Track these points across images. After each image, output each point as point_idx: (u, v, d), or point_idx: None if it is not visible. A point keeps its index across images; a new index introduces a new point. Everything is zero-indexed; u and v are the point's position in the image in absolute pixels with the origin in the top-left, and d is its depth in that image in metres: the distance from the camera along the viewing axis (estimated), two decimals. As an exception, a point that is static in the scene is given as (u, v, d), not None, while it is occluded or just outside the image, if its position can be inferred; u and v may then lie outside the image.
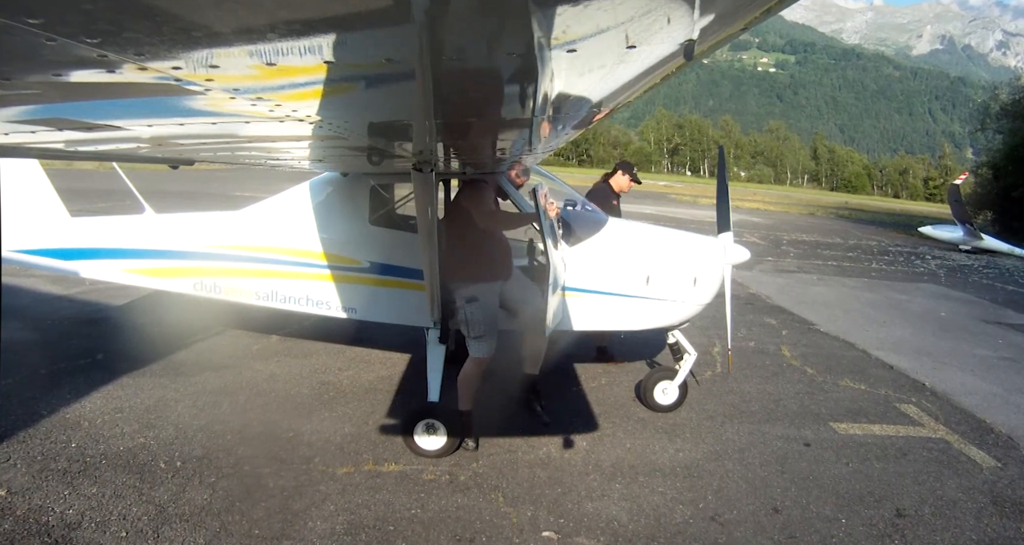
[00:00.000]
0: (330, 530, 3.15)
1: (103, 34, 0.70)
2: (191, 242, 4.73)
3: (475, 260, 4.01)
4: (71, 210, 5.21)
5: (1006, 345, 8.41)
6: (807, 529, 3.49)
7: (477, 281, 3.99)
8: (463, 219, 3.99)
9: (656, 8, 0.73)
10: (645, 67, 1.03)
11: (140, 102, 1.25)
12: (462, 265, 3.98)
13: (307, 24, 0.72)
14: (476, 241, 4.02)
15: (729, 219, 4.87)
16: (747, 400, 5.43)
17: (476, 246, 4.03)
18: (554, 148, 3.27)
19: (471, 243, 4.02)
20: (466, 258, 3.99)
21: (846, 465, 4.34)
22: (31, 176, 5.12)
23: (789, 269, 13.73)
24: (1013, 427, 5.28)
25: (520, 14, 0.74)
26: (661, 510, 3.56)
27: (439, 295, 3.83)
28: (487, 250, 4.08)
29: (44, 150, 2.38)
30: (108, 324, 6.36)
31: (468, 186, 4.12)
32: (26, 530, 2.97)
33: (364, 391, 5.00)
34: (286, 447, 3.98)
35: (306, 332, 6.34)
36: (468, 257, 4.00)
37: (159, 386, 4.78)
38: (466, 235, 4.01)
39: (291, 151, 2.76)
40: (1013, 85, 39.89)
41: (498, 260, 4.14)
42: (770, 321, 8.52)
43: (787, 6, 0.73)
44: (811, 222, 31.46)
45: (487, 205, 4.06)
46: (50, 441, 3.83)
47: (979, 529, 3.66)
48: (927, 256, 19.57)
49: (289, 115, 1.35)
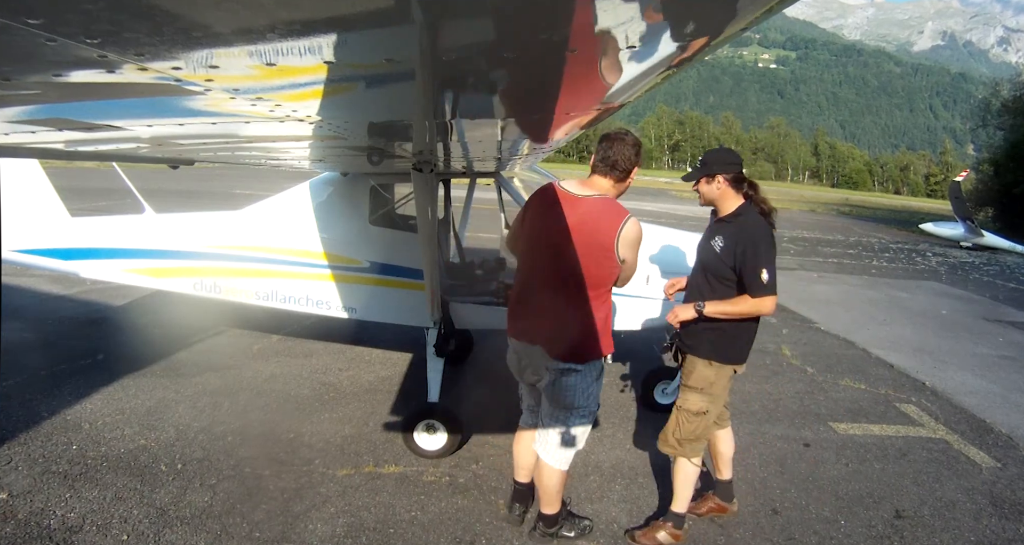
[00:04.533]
0: (331, 532, 3.14)
1: (103, 34, 0.70)
2: (191, 242, 4.73)
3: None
4: (71, 210, 5.21)
5: (1007, 343, 8.40)
6: (806, 530, 3.49)
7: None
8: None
9: (656, 8, 0.73)
10: (645, 67, 1.02)
11: (140, 102, 1.24)
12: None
13: (307, 24, 0.72)
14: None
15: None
16: (747, 400, 5.43)
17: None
18: (555, 147, 3.27)
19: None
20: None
21: (845, 466, 4.34)
22: (31, 176, 5.11)
23: (789, 266, 13.73)
24: (1013, 427, 5.28)
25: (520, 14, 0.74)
26: (661, 512, 3.55)
27: (439, 295, 3.83)
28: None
29: (44, 150, 2.38)
30: (108, 324, 6.36)
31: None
32: (27, 533, 2.96)
33: (364, 392, 5.00)
34: (286, 449, 3.98)
35: (306, 332, 6.34)
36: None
37: (160, 387, 4.78)
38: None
39: (291, 151, 2.76)
40: (1014, 81, 39.93)
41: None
42: (770, 319, 8.51)
43: (788, 5, 0.73)
44: (812, 219, 31.46)
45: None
46: (51, 443, 3.83)
47: (978, 530, 3.65)
48: (928, 253, 19.57)
49: (289, 115, 1.35)
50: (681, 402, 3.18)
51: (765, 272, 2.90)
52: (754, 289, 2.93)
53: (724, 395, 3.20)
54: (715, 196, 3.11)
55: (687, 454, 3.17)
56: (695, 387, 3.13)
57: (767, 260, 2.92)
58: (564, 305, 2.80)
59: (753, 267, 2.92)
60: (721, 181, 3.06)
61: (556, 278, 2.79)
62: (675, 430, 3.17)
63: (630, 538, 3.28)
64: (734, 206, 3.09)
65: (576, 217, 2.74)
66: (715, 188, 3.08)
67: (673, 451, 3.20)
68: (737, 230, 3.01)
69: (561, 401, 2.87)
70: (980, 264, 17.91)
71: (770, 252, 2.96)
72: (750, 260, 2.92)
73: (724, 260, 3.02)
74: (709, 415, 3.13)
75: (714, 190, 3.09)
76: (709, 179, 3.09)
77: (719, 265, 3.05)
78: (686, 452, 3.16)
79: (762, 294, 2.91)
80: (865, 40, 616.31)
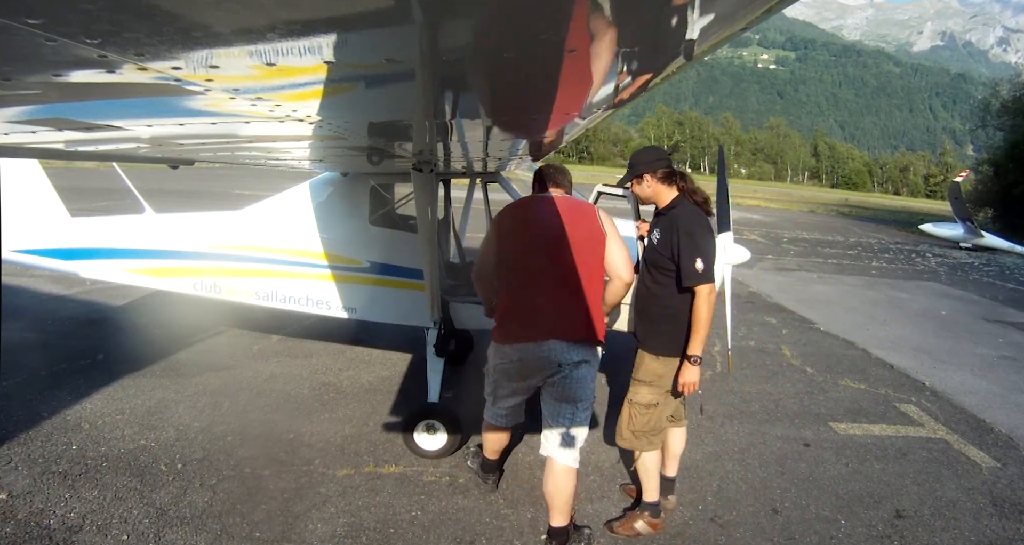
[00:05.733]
0: (331, 533, 3.14)
1: (103, 34, 0.70)
2: (191, 242, 4.73)
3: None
4: (71, 210, 5.21)
5: (1006, 344, 8.40)
6: (806, 530, 3.49)
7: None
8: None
9: (656, 8, 0.73)
10: (645, 67, 1.02)
11: (140, 102, 1.24)
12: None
13: (307, 24, 0.72)
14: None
15: (729, 219, 4.85)
16: (747, 400, 5.43)
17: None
18: (555, 148, 3.27)
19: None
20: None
21: (846, 466, 4.34)
22: (31, 176, 5.11)
23: (789, 267, 13.73)
24: (1013, 427, 5.28)
25: (519, 15, 0.74)
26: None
27: (439, 295, 3.83)
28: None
29: (44, 150, 2.38)
30: (108, 324, 6.36)
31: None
32: (27, 534, 2.96)
33: (364, 392, 5.00)
34: (286, 449, 3.98)
35: (306, 332, 6.34)
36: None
37: (160, 387, 4.78)
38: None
39: (291, 151, 2.76)
40: (1014, 82, 39.96)
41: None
42: (770, 320, 8.52)
43: (787, 5, 0.73)
44: (811, 219, 31.47)
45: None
46: (51, 443, 3.83)
47: (978, 530, 3.65)
48: (928, 254, 19.57)
49: (289, 115, 1.35)
50: (632, 396, 3.25)
51: (699, 260, 2.96)
52: (689, 277, 2.99)
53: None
54: (648, 194, 3.25)
55: (643, 447, 3.24)
56: (644, 381, 3.19)
57: (701, 249, 2.99)
58: (571, 296, 2.91)
59: (688, 256, 2.99)
60: (649, 179, 3.20)
61: (558, 273, 2.92)
62: (628, 423, 3.25)
63: (608, 529, 3.32)
64: (669, 199, 3.21)
65: (557, 210, 3.00)
66: (646, 187, 3.23)
67: (629, 444, 3.28)
68: (671, 221, 3.11)
69: (572, 395, 2.93)
70: (980, 265, 17.91)
71: (705, 240, 3.02)
72: (685, 249, 3.00)
73: (662, 251, 3.11)
74: (660, 407, 3.21)
75: (646, 189, 3.24)
76: (639, 180, 3.24)
77: (657, 257, 3.15)
78: (642, 445, 3.24)
79: (696, 282, 2.97)
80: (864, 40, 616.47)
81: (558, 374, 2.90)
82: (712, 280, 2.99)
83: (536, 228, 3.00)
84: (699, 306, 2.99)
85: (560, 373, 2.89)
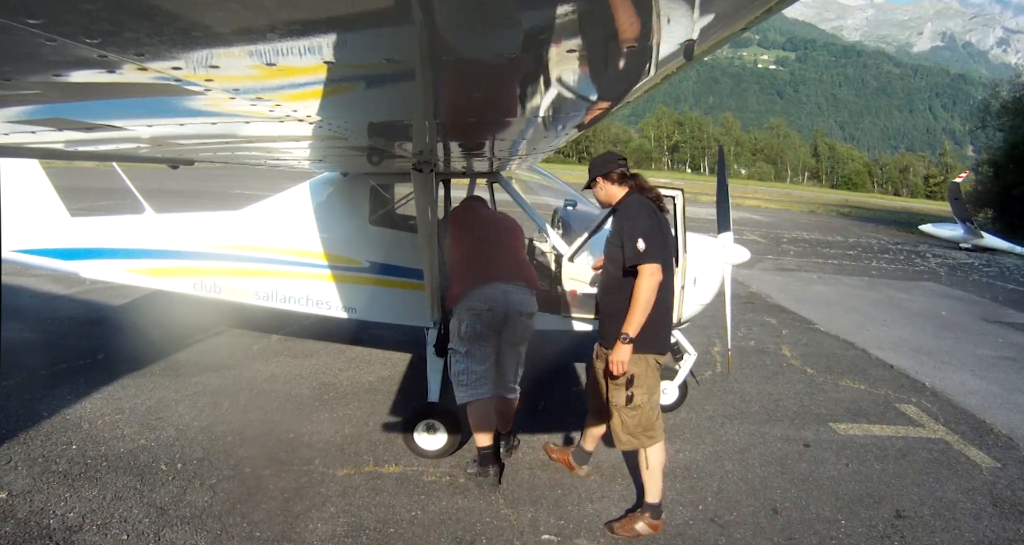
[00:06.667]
0: (331, 532, 3.14)
1: (103, 34, 0.70)
2: (191, 242, 4.73)
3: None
4: (71, 210, 5.21)
5: (1006, 344, 8.40)
6: (806, 530, 3.49)
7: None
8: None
9: (656, 8, 0.73)
10: (645, 68, 1.03)
11: (140, 102, 1.25)
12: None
13: (307, 24, 0.72)
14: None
15: (729, 219, 4.87)
16: (747, 400, 5.43)
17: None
18: (555, 147, 3.28)
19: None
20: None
21: (846, 466, 4.34)
22: (31, 176, 5.11)
23: (789, 267, 13.73)
24: (1013, 427, 5.28)
25: (520, 15, 0.74)
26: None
27: (439, 295, 3.83)
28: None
29: (44, 150, 2.38)
30: (108, 324, 6.36)
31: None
32: (27, 533, 2.96)
33: (364, 392, 5.00)
34: (286, 448, 3.98)
35: (306, 332, 6.34)
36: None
37: (159, 387, 4.78)
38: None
39: (291, 151, 2.76)
40: (1014, 82, 39.98)
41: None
42: (770, 320, 8.52)
43: (787, 5, 0.73)
44: (811, 220, 31.47)
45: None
46: (51, 443, 3.83)
47: (978, 530, 3.65)
48: (927, 254, 19.57)
49: (289, 115, 1.35)
50: (615, 400, 3.27)
51: (641, 240, 3.05)
52: (632, 257, 3.07)
53: (657, 386, 3.32)
54: (604, 197, 3.48)
55: (644, 443, 3.27)
56: (621, 383, 3.22)
57: (642, 230, 3.09)
58: (520, 257, 3.89)
59: (630, 236, 3.09)
60: (601, 182, 3.42)
61: (508, 245, 3.88)
62: (622, 427, 3.29)
63: (609, 530, 3.32)
64: (620, 197, 3.41)
65: (491, 211, 4.36)
66: (600, 190, 3.47)
67: (630, 445, 3.32)
68: (618, 213, 3.34)
69: (523, 337, 3.74)
70: (980, 265, 17.91)
71: (646, 223, 3.13)
72: (627, 231, 3.13)
73: (614, 242, 3.26)
74: (647, 404, 3.24)
75: (600, 193, 3.47)
76: (593, 184, 3.48)
77: (611, 248, 3.30)
78: (643, 442, 3.27)
79: (639, 261, 3.04)
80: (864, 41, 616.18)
81: (518, 321, 3.60)
82: (656, 261, 3.06)
83: (490, 220, 4.07)
84: (639, 285, 3.05)
85: (521, 322, 3.62)
